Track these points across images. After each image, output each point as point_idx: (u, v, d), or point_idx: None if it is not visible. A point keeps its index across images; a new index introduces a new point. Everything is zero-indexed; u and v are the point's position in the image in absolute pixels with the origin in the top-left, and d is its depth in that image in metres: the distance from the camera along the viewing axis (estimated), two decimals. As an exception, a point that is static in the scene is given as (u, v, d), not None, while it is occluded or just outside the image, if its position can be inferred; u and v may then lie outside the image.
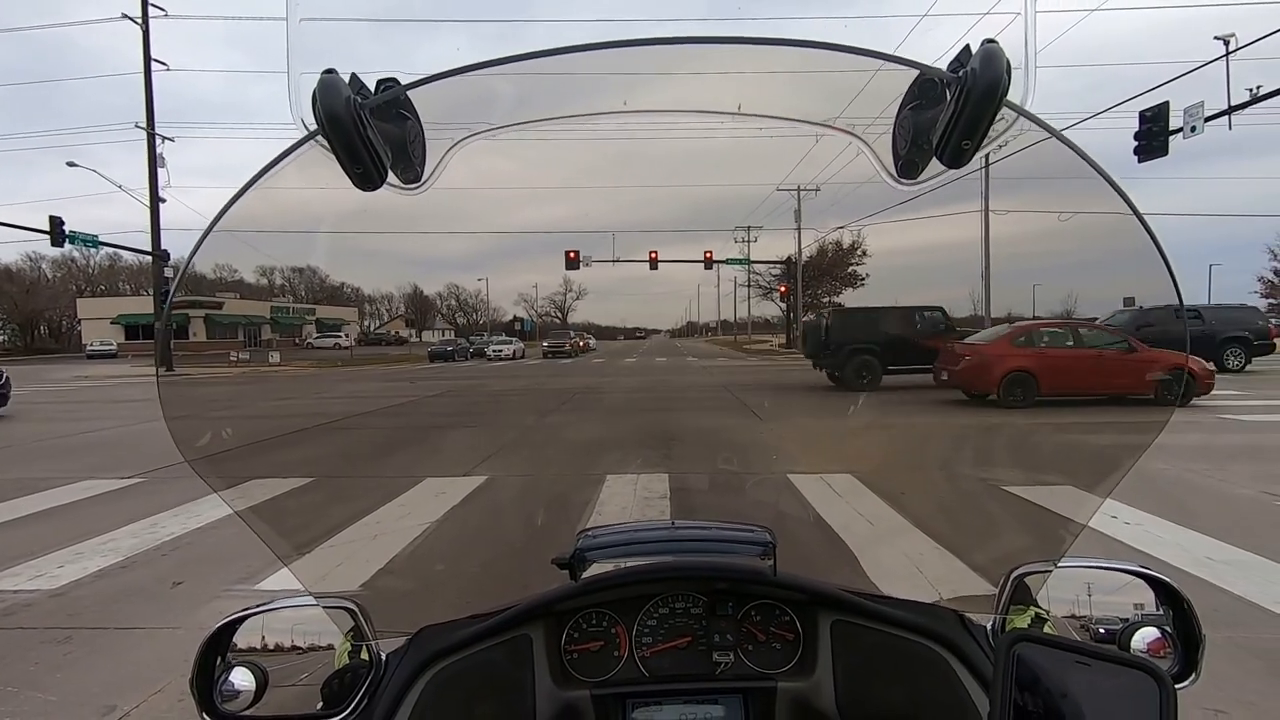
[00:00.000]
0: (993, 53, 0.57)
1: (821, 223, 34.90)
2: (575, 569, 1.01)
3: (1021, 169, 0.99)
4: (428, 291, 38.93)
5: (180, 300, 27.26)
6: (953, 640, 0.94)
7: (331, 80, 0.59)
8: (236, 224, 0.78)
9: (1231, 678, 2.74)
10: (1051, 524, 1.27)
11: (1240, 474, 6.20)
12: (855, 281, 31.12)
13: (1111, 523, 4.67)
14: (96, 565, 4.34)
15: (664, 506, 5.18)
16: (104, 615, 3.61)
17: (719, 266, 32.94)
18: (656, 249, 29.89)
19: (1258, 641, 3.05)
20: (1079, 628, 0.93)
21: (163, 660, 3.07)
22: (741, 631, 1.01)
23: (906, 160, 0.68)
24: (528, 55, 0.65)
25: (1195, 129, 16.14)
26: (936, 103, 0.63)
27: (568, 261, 28.30)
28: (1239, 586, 3.62)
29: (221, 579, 4.08)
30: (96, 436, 10.20)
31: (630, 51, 0.68)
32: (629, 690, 0.97)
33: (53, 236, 23.06)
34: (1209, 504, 5.27)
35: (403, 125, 0.65)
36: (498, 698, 0.95)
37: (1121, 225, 0.78)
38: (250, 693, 0.86)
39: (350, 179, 0.63)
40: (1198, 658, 0.87)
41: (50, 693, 2.85)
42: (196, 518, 5.29)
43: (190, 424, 1.24)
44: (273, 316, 43.40)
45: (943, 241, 17.09)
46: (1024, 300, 13.32)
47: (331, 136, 0.60)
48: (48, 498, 6.18)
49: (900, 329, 12.94)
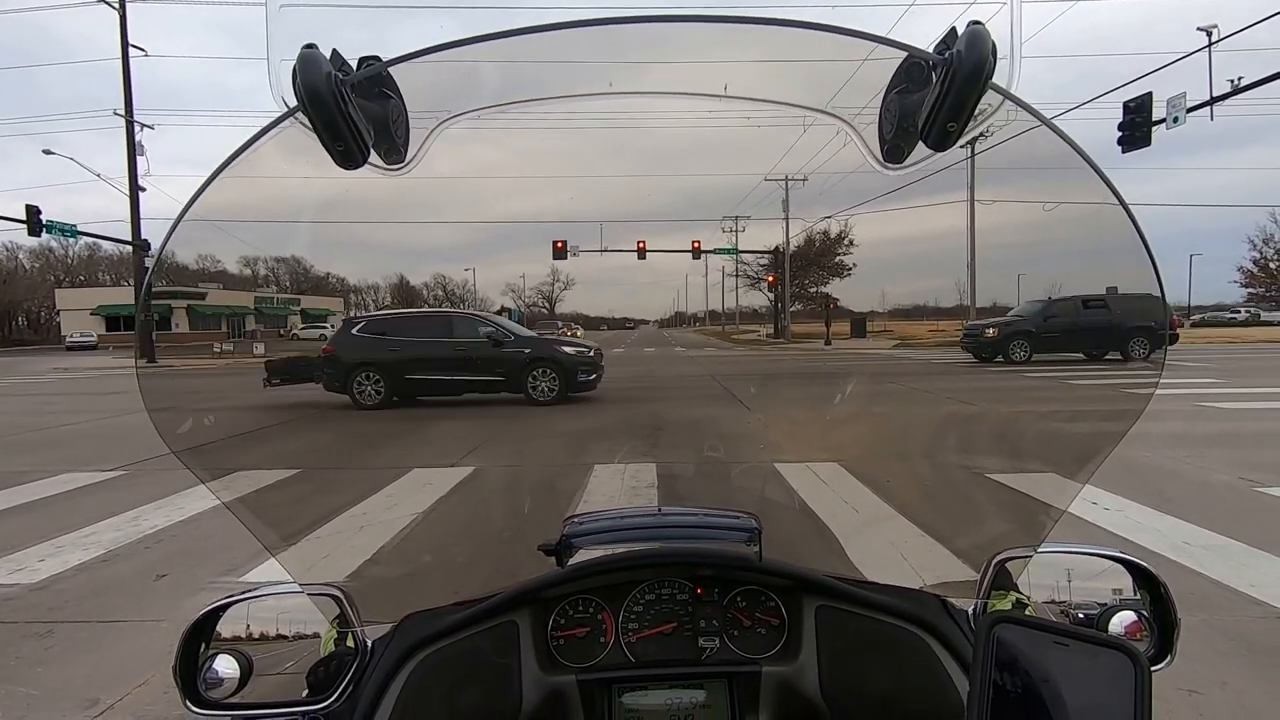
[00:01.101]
0: (978, 34, 0.57)
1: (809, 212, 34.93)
2: (562, 556, 1.01)
3: (1007, 158, 1.00)
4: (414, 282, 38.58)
5: (161, 291, 26.84)
6: (935, 624, 0.96)
7: (312, 55, 0.58)
8: (215, 211, 0.76)
9: (1206, 659, 2.80)
10: (1032, 510, 1.29)
11: (1218, 460, 6.32)
12: (842, 271, 31.25)
13: (1092, 509, 4.75)
14: (78, 558, 4.30)
15: (651, 495, 5.20)
16: (86, 609, 3.58)
17: (707, 256, 32.95)
18: (644, 239, 29.75)
19: (1231, 624, 3.13)
20: (1058, 612, 0.94)
21: (146, 653, 3.04)
22: (727, 617, 1.02)
23: (892, 144, 0.68)
24: (512, 32, 0.64)
25: (1178, 120, 16.31)
26: (922, 86, 0.63)
27: (555, 251, 28.10)
28: (1215, 570, 3.69)
29: (205, 572, 4.05)
30: (76, 429, 10.05)
31: (616, 30, 0.67)
32: (615, 675, 0.98)
33: (30, 226, 22.59)
34: (1187, 490, 5.37)
35: (385, 104, 0.64)
36: (483, 684, 0.95)
37: (1106, 214, 0.79)
38: (234, 680, 0.85)
39: (331, 157, 0.62)
40: (1173, 640, 0.89)
41: (31, 687, 2.82)
42: (179, 510, 5.24)
43: (174, 415, 1.22)
44: (257, 307, 42.80)
45: (929, 232, 17.21)
46: (1008, 289, 13.50)
47: (312, 113, 0.59)
48: (27, 491, 6.09)
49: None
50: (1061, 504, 1.15)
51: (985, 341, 14.34)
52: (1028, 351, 13.94)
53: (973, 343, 14.50)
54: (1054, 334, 13.76)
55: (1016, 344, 14.07)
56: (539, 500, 5.23)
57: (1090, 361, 13.00)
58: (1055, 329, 13.84)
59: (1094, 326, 13.26)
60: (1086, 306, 14.70)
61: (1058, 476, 2.57)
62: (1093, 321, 13.71)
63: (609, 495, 5.23)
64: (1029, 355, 13.93)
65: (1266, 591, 3.43)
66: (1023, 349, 14.00)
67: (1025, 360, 13.89)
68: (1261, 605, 3.30)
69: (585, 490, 5.41)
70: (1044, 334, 14.02)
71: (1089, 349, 13.37)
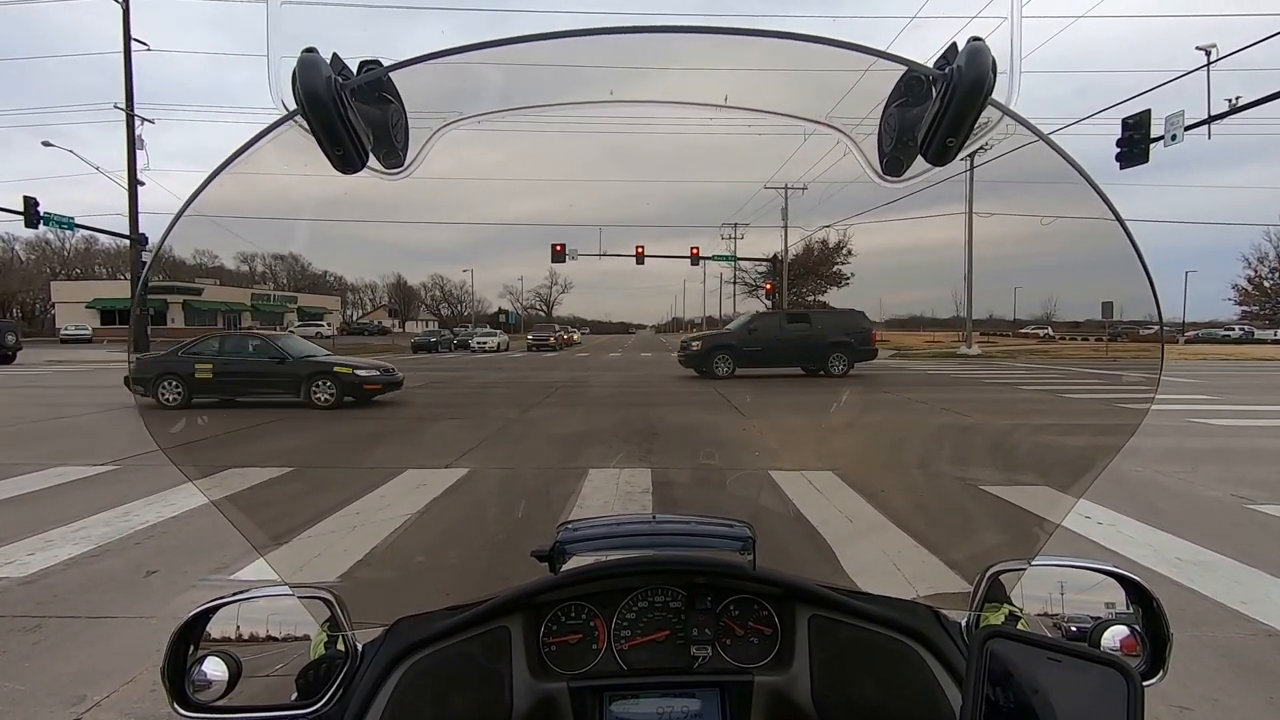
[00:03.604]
0: (978, 50, 0.57)
1: (808, 221, 35.06)
2: (555, 562, 1.01)
3: (1005, 172, 1.00)
4: (412, 282, 38.60)
5: (158, 285, 26.80)
6: (928, 636, 0.96)
7: (312, 59, 0.58)
8: (214, 208, 0.76)
9: (1197, 676, 2.81)
10: (1026, 523, 1.29)
11: (1210, 476, 6.33)
12: (840, 281, 31.29)
13: (1085, 523, 4.75)
14: (68, 553, 4.27)
15: (646, 501, 5.19)
16: (75, 604, 3.55)
17: (705, 263, 32.94)
18: (643, 244, 29.77)
19: (1223, 640, 3.13)
20: (1051, 625, 0.94)
21: (135, 650, 3.02)
22: (720, 625, 1.02)
23: (892, 158, 0.68)
24: (513, 40, 0.64)
25: (1175, 137, 16.41)
26: (922, 100, 0.63)
27: (554, 254, 28.11)
28: (1206, 586, 3.70)
29: (196, 569, 4.03)
30: (69, 423, 10.00)
31: (618, 40, 0.67)
32: (607, 683, 0.97)
33: (27, 217, 22.49)
34: (1180, 506, 5.38)
35: (385, 108, 0.64)
36: (474, 689, 0.94)
37: (1103, 230, 0.79)
38: (223, 682, 0.85)
39: (330, 161, 0.62)
40: (1166, 656, 0.89)
41: (18, 682, 2.79)
42: (171, 506, 5.21)
43: (165, 411, 1.22)
44: (253, 304, 42.75)
45: (927, 243, 17.25)
46: (1005, 301, 13.52)
47: (311, 116, 0.58)
48: (17, 484, 6.05)
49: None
50: (1055, 517, 1.15)
51: (693, 355, 14.29)
52: (730, 366, 13.80)
53: (683, 355, 14.39)
54: (755, 348, 13.80)
55: (719, 358, 13.98)
56: (533, 504, 5.22)
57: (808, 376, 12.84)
58: (757, 343, 13.90)
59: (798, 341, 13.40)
60: (791, 321, 15.09)
61: (1052, 490, 2.58)
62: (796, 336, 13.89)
63: (603, 500, 5.22)
64: (731, 370, 13.74)
65: (1258, 609, 3.43)
66: (725, 363, 13.88)
67: (729, 375, 13.64)
68: (1252, 622, 3.31)
69: (579, 495, 5.39)
70: (746, 348, 13.98)
71: (796, 364, 13.36)
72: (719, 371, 13.63)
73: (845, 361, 12.63)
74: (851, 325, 13.71)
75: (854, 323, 13.84)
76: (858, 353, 13.06)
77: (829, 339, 13.05)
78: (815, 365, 12.82)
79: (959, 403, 10.62)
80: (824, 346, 12.78)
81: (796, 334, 13.91)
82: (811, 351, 12.95)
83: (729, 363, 13.86)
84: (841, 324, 13.92)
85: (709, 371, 13.64)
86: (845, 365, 12.58)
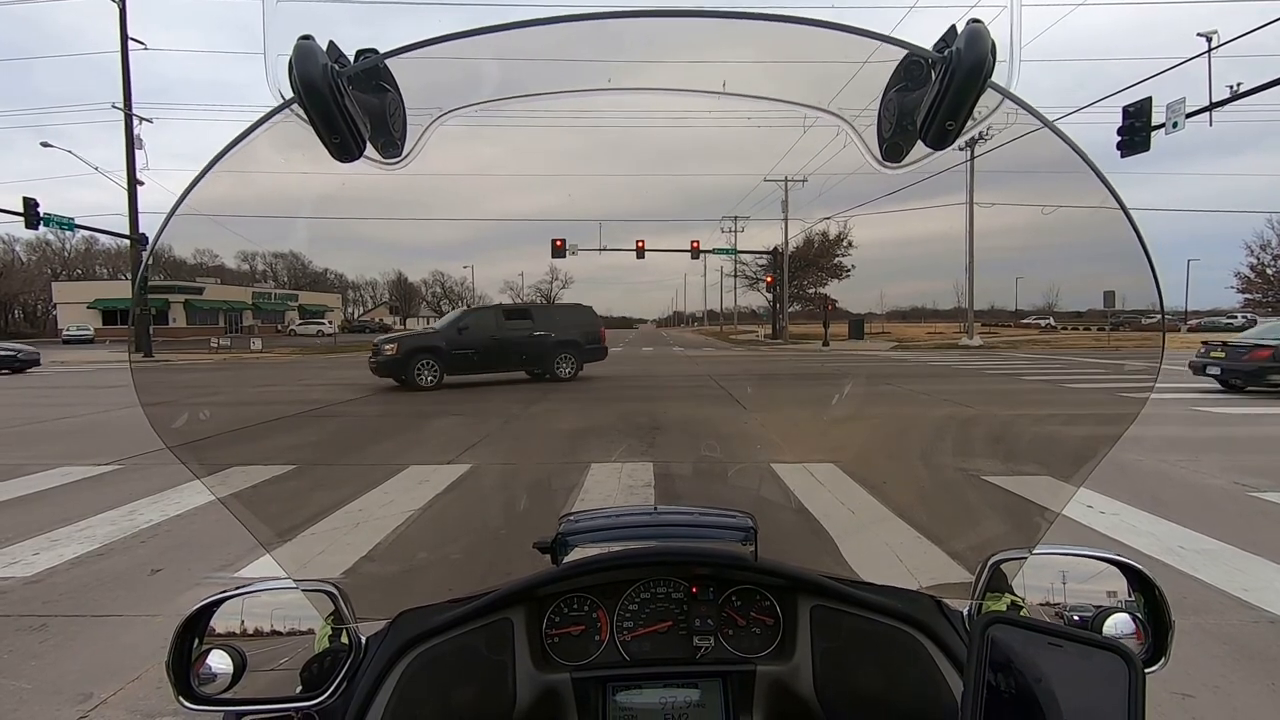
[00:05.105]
0: (978, 32, 0.57)
1: (808, 213, 34.91)
2: (557, 554, 1.01)
3: (1006, 161, 1.00)
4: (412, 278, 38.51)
5: (158, 285, 26.78)
6: (929, 625, 0.96)
7: (308, 46, 0.58)
8: (211, 205, 0.76)
9: (1198, 662, 2.81)
10: (1028, 512, 1.29)
11: (1213, 465, 6.34)
12: (841, 273, 31.22)
13: (1088, 512, 4.76)
14: (73, 552, 4.29)
15: (648, 494, 5.20)
16: (80, 603, 3.57)
17: (706, 256, 32.88)
18: (643, 238, 29.69)
19: (1224, 627, 3.14)
20: (1053, 614, 0.94)
21: (140, 648, 3.04)
22: (722, 616, 1.02)
23: (891, 143, 0.68)
24: (510, 25, 0.64)
25: (1177, 125, 16.34)
26: (922, 84, 0.63)
27: (554, 249, 28.01)
28: (1208, 574, 3.71)
29: (201, 566, 4.04)
30: (73, 422, 10.02)
31: (615, 25, 0.67)
32: (610, 674, 0.97)
33: (27, 218, 22.50)
34: (1182, 494, 5.38)
35: (382, 97, 0.64)
36: (477, 681, 0.95)
37: (1105, 219, 0.79)
38: (228, 675, 0.85)
39: (327, 149, 0.62)
40: (1167, 643, 0.89)
41: (25, 680, 2.81)
42: (175, 505, 5.23)
43: (170, 410, 1.22)
44: (255, 302, 42.78)
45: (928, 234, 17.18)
46: (1007, 292, 13.44)
47: (308, 104, 0.58)
48: (23, 484, 6.07)
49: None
50: (1056, 506, 1.15)
51: (385, 361, 11.23)
52: (436, 373, 11.05)
53: (374, 362, 11.29)
54: (467, 350, 11.36)
55: (421, 364, 11.03)
56: (535, 498, 5.23)
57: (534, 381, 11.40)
58: (469, 345, 11.49)
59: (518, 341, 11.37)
60: (509, 318, 12.78)
61: (1052, 479, 2.58)
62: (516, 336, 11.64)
63: (605, 494, 5.23)
64: (439, 378, 11.08)
65: (1259, 596, 3.44)
66: (430, 370, 11.01)
67: (435, 384, 11.00)
68: (1254, 609, 3.31)
69: (582, 488, 5.40)
70: (456, 350, 11.27)
71: (518, 367, 11.55)
72: (423, 381, 10.92)
73: (574, 363, 11.27)
74: (580, 322, 11.94)
75: (582, 319, 12.03)
76: (586, 353, 11.52)
77: (554, 338, 11.39)
78: (540, 368, 11.29)
79: (960, 394, 10.61)
80: (548, 346, 11.20)
81: (516, 333, 11.74)
82: (534, 352, 11.20)
83: (434, 369, 11.08)
84: (568, 321, 12.10)
85: (409, 381, 10.93)
86: (574, 367, 11.22)
